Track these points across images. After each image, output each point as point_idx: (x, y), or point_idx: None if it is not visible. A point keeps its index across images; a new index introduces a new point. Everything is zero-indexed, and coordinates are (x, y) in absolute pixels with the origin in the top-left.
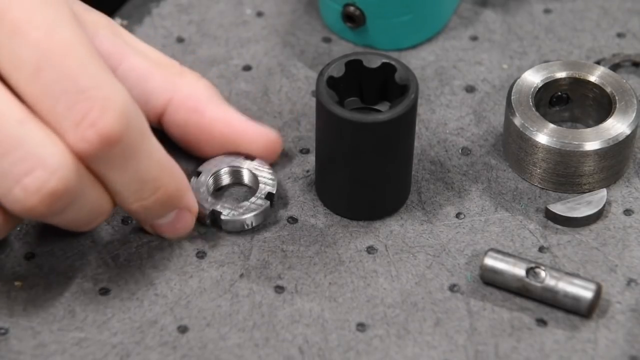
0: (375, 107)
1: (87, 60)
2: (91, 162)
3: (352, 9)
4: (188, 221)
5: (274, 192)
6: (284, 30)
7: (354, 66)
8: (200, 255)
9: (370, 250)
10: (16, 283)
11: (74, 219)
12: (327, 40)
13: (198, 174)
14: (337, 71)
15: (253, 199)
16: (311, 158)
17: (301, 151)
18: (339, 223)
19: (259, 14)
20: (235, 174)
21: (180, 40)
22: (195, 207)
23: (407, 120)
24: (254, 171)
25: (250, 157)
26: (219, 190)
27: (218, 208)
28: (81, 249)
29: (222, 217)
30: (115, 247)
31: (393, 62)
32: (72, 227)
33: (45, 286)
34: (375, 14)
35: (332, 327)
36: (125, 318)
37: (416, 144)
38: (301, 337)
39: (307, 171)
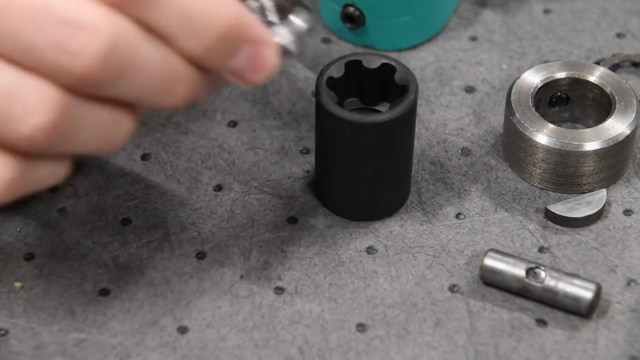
0: (375, 107)
1: None
2: (130, 9)
3: (351, 9)
4: (268, 55)
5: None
6: None
7: (353, 67)
8: (200, 256)
9: (370, 250)
10: (16, 284)
11: (149, 85)
12: (326, 40)
13: None
14: (337, 72)
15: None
16: (311, 158)
17: (301, 151)
18: (339, 223)
19: None
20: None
21: None
22: (268, 38)
23: (407, 120)
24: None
25: None
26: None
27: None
28: (81, 250)
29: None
30: (115, 248)
31: (392, 63)
32: (156, 102)
33: (45, 287)
34: (375, 15)
35: (332, 327)
36: (125, 319)
37: (416, 144)
38: (301, 337)
39: (307, 171)
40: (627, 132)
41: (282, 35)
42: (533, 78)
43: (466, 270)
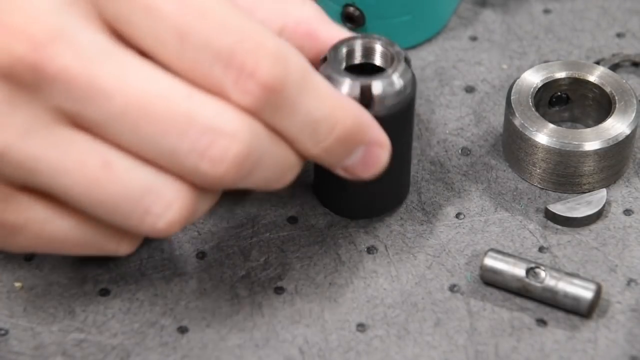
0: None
1: (227, 15)
2: (263, 115)
3: (351, 9)
4: (380, 156)
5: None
6: None
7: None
8: (200, 255)
9: (370, 250)
10: (16, 284)
11: (264, 178)
12: None
13: (324, 59)
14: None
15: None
16: None
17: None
18: (339, 223)
19: None
20: (368, 51)
21: None
22: (384, 140)
23: (403, 117)
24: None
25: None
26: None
27: (365, 81)
28: None
29: (374, 90)
30: None
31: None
32: (264, 188)
33: (45, 287)
34: (375, 14)
35: (332, 327)
36: (125, 319)
37: (416, 144)
38: (301, 337)
39: (307, 170)
40: (627, 132)
41: (375, 87)
42: (533, 78)
43: (466, 270)
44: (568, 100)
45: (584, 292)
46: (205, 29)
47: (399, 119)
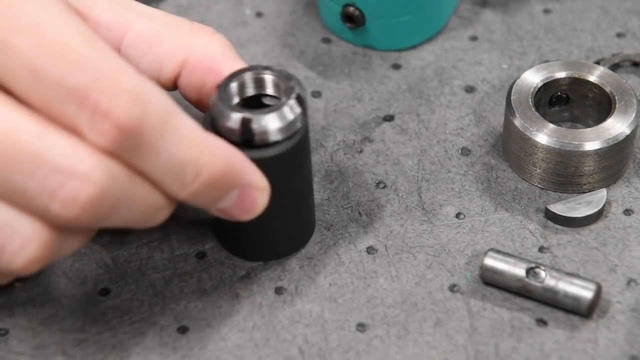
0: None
1: (85, 51)
2: (122, 156)
3: (351, 9)
4: (255, 199)
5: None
6: (283, 31)
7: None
8: (200, 255)
9: (370, 250)
10: (16, 284)
11: (129, 219)
12: (326, 40)
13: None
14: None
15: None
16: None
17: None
18: (339, 223)
19: (259, 15)
20: (259, 81)
21: None
22: (260, 182)
23: (293, 154)
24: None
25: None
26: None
27: (247, 115)
28: (81, 249)
29: (254, 125)
30: (115, 248)
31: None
32: (133, 226)
33: (46, 287)
34: (375, 15)
35: (332, 327)
36: (126, 319)
37: (416, 144)
38: (301, 337)
39: None
40: (627, 131)
41: (267, 121)
42: (533, 78)
43: (466, 270)
44: (568, 100)
45: (584, 292)
46: (59, 66)
47: (288, 156)
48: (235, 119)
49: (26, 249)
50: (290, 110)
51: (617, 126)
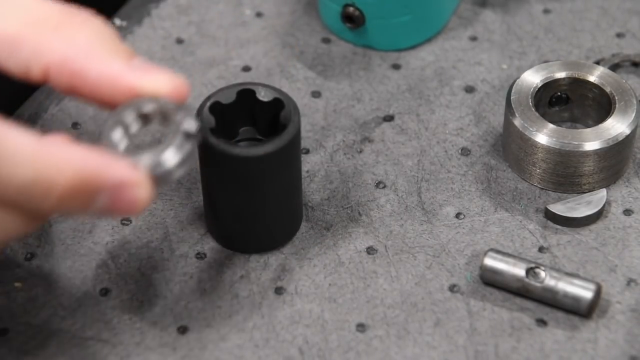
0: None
1: None
2: None
3: (351, 9)
4: (132, 195)
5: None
6: (283, 31)
7: (245, 96)
8: (200, 256)
9: (370, 250)
10: (16, 284)
11: (8, 237)
12: (326, 40)
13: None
14: (226, 98)
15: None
16: (311, 158)
17: (300, 150)
18: (339, 224)
19: (258, 15)
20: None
21: (179, 41)
22: (129, 177)
23: (272, 161)
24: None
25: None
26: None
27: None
28: (81, 250)
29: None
30: (115, 248)
31: (283, 99)
32: (19, 237)
33: (45, 287)
34: (375, 15)
35: (332, 327)
36: (126, 319)
37: (416, 144)
38: (301, 337)
39: (307, 171)
40: (627, 132)
41: (153, 160)
42: (533, 78)
43: (466, 270)
44: (568, 100)
45: (584, 292)
46: None
47: (284, 151)
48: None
49: None
50: (178, 150)
51: (617, 126)
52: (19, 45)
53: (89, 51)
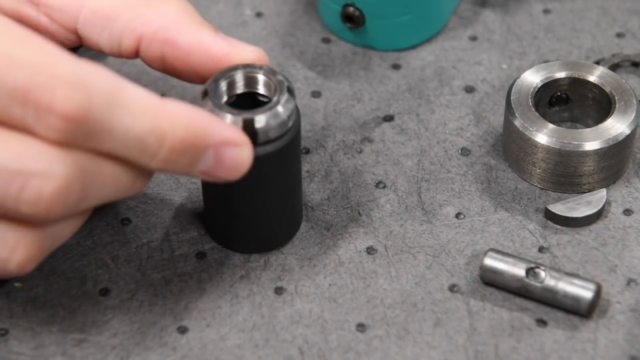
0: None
1: (17, 51)
2: (79, 143)
3: (351, 9)
4: (237, 155)
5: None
6: (283, 31)
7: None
8: (200, 256)
9: (370, 250)
10: (16, 284)
11: (108, 196)
12: (326, 40)
13: (205, 93)
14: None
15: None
16: (311, 158)
17: (300, 150)
18: (339, 224)
19: (258, 15)
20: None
21: None
22: (234, 137)
23: (289, 149)
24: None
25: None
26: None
27: (247, 116)
28: (81, 249)
29: (258, 124)
30: (115, 248)
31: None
32: (117, 199)
33: (45, 287)
34: (375, 14)
35: (332, 327)
36: (125, 319)
37: (416, 144)
38: (301, 337)
39: (307, 171)
40: (627, 132)
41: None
42: (533, 78)
43: (466, 270)
44: (568, 100)
45: (584, 292)
46: None
47: (284, 151)
48: (235, 120)
49: (15, 254)
50: (286, 105)
51: (616, 126)
52: (113, 20)
53: (180, 22)
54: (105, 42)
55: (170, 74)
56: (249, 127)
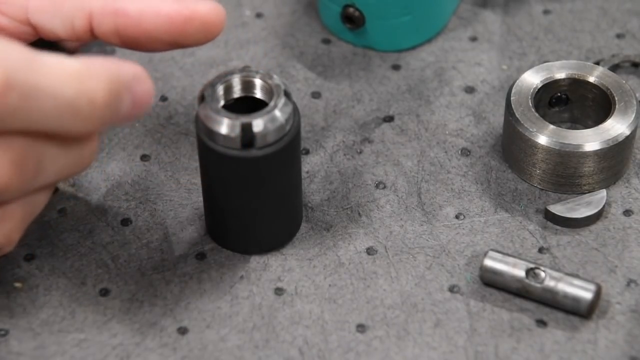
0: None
1: None
2: (9, 125)
3: (351, 10)
4: (144, 89)
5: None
6: (283, 32)
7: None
8: (200, 256)
9: (370, 251)
10: (16, 284)
11: (57, 174)
12: (326, 41)
13: (202, 97)
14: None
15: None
16: (310, 159)
17: (300, 151)
18: (339, 224)
19: (258, 15)
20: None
21: None
22: (137, 71)
23: (288, 152)
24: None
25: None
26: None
27: (247, 120)
28: (81, 250)
29: (255, 128)
30: (115, 248)
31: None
32: (71, 176)
33: (45, 287)
34: (375, 15)
35: (332, 328)
36: (125, 319)
37: (416, 144)
38: (301, 338)
39: (307, 172)
40: (627, 132)
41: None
42: (533, 78)
43: (466, 270)
44: (568, 101)
45: (584, 292)
46: None
47: (283, 153)
48: (233, 124)
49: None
50: (283, 109)
51: (616, 127)
52: (61, 3)
53: None
54: (59, 28)
55: (129, 47)
56: (247, 131)
